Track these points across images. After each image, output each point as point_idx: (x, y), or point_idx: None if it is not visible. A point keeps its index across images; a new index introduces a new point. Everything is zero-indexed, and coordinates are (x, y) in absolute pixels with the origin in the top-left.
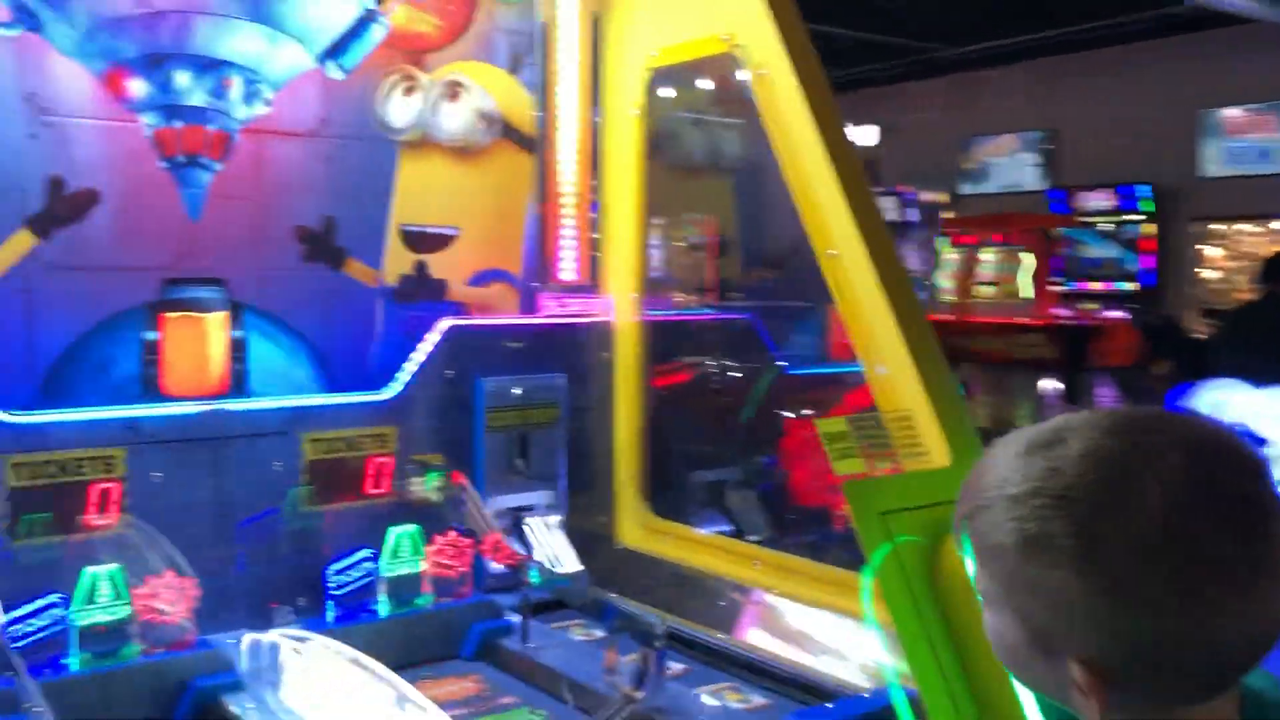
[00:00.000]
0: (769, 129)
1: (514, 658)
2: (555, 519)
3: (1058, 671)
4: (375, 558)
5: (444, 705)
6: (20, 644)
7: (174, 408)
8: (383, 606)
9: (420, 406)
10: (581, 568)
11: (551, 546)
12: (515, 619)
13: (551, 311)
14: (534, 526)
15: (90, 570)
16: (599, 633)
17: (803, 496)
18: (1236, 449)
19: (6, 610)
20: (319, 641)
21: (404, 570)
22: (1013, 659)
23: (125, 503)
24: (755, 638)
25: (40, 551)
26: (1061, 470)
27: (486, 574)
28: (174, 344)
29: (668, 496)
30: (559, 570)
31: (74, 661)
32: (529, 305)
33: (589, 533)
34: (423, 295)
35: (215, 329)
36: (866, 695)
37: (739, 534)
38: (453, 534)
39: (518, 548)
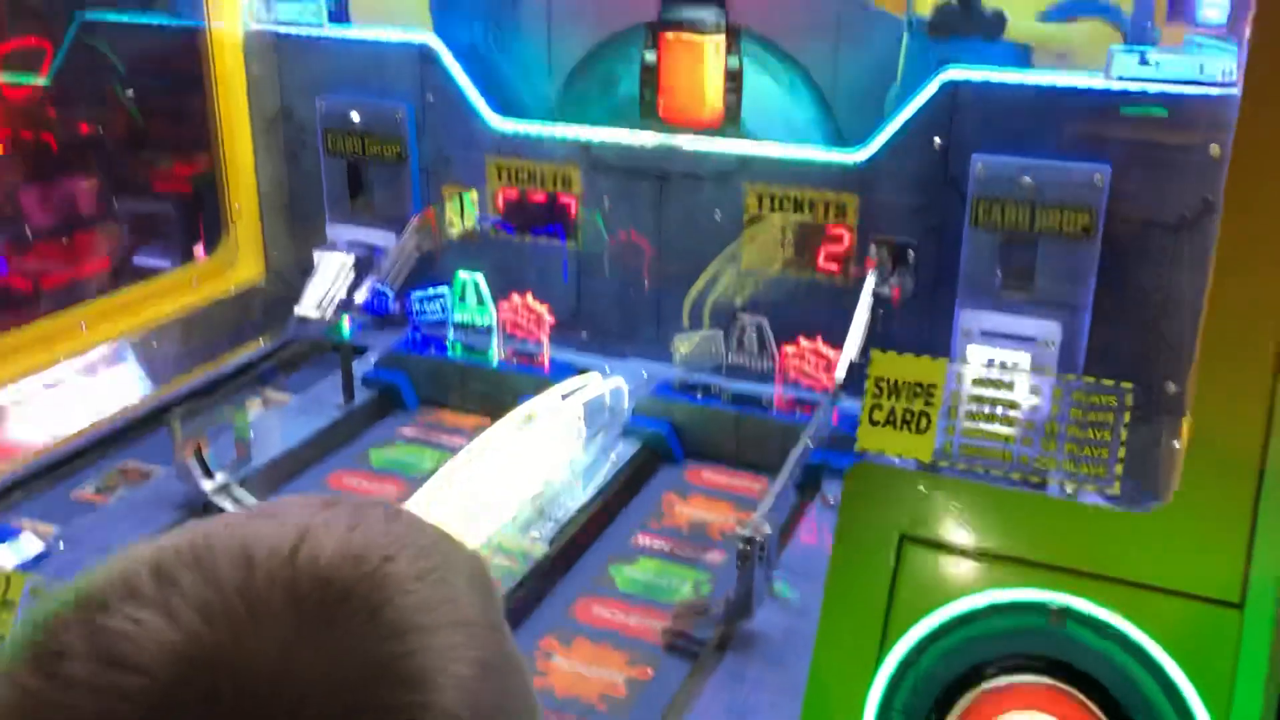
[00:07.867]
0: None
1: None
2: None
3: None
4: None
5: None
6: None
7: (625, 135)
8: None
9: (892, 178)
10: None
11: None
12: None
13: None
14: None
15: (462, 275)
16: None
17: None
18: None
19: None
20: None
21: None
22: None
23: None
24: None
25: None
26: None
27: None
28: (668, 67)
29: None
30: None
31: (451, 348)
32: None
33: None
34: (966, 30)
35: (710, 53)
36: None
37: None
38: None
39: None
